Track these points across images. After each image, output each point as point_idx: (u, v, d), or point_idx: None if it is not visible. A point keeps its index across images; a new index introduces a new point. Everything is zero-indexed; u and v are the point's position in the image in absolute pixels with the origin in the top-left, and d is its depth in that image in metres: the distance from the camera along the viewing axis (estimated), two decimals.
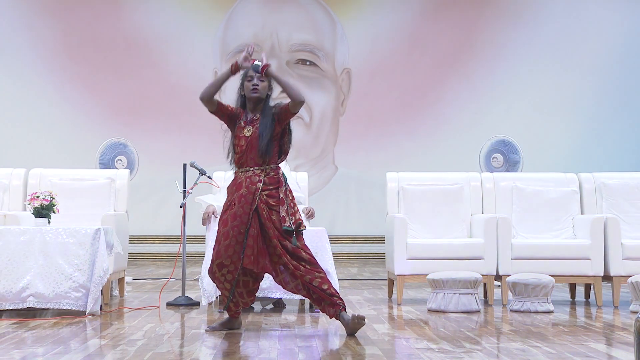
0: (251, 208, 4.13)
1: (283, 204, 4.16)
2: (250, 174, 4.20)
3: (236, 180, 4.26)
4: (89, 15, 10.68)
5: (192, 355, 3.57)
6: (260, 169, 4.20)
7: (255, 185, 4.16)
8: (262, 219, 4.14)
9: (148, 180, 10.32)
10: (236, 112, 4.30)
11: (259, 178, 4.17)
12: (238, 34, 10.82)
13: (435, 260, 5.57)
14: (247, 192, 4.15)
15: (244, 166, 4.22)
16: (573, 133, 10.78)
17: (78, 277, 4.80)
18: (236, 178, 4.27)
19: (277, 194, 4.18)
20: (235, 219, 4.14)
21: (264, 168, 4.21)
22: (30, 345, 3.74)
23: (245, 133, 4.22)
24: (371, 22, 10.87)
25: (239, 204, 4.15)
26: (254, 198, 4.14)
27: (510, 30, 10.86)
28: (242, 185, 4.19)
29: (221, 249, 4.14)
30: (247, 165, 4.22)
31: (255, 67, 4.25)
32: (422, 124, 10.77)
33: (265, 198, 4.16)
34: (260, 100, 4.27)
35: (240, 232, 4.11)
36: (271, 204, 4.16)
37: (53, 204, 5.15)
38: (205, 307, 5.29)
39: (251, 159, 4.21)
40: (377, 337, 4.07)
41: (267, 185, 4.18)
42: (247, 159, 4.22)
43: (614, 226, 5.63)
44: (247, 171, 4.21)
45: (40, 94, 10.55)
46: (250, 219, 4.12)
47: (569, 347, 3.75)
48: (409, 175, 6.23)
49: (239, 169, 4.25)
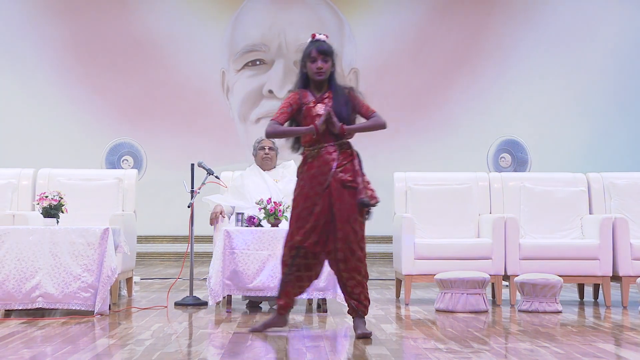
0: (322, 188, 4.06)
1: (358, 175, 4.08)
2: (323, 152, 4.10)
3: (306, 160, 4.15)
4: (96, 16, 10.71)
5: (199, 355, 3.57)
6: (334, 145, 4.11)
7: (329, 164, 4.08)
8: (332, 199, 4.05)
9: (156, 180, 10.34)
10: (299, 102, 4.17)
11: (332, 156, 4.09)
12: (246, 34, 10.83)
13: (443, 260, 5.56)
14: (319, 173, 4.08)
15: (316, 144, 4.10)
16: (581, 133, 10.75)
17: (87, 278, 4.81)
18: (306, 158, 4.15)
19: (352, 167, 4.09)
20: (306, 200, 4.08)
21: (338, 144, 4.11)
22: (39, 345, 3.75)
23: (317, 111, 4.12)
24: (379, 22, 10.86)
25: (310, 184, 4.08)
26: (326, 178, 4.07)
27: (519, 30, 10.83)
28: (314, 165, 4.10)
29: (294, 231, 4.10)
30: (322, 142, 4.10)
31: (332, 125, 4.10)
32: (429, 124, 10.76)
33: (340, 175, 4.07)
34: (325, 80, 4.18)
35: (308, 212, 4.06)
36: (346, 180, 4.06)
37: (61, 204, 5.17)
38: (212, 307, 5.29)
39: (324, 137, 4.09)
40: (385, 337, 4.06)
41: (341, 161, 4.09)
42: (324, 135, 4.09)
43: (622, 226, 5.61)
44: (320, 148, 4.10)
45: (48, 95, 10.59)
46: (319, 199, 4.06)
47: (578, 347, 3.74)
48: (416, 175, 6.22)
49: (310, 147, 4.13)
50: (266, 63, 10.74)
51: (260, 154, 5.88)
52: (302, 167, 4.20)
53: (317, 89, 4.19)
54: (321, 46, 4.13)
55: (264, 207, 5.18)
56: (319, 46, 4.13)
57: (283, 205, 5.19)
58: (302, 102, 4.17)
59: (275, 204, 5.17)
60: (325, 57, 4.12)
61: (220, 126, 10.71)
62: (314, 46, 4.14)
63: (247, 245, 5.02)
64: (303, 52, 4.18)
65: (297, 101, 4.18)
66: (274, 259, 5.01)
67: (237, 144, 10.68)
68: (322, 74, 4.13)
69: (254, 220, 5.20)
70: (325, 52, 4.11)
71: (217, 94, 10.79)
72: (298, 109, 4.18)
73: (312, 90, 4.20)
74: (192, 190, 5.69)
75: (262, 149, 5.88)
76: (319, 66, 4.12)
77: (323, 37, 4.18)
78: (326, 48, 4.12)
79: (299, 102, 4.18)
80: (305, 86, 4.22)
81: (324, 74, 4.13)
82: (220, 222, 5.61)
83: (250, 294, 5.06)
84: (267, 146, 5.87)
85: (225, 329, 4.34)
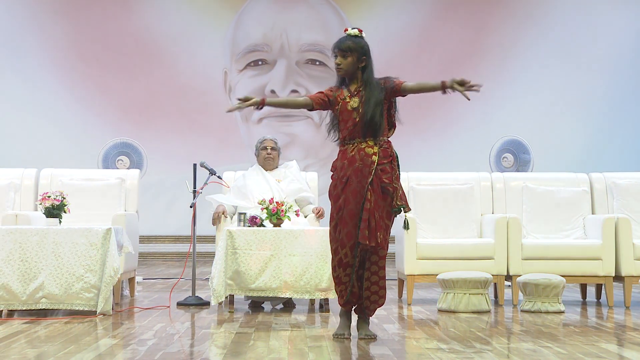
0: (367, 182, 3.94)
1: (397, 180, 4.00)
2: (363, 146, 3.98)
3: (346, 154, 4.01)
4: (99, 15, 10.72)
5: (202, 355, 3.58)
6: (373, 141, 4.01)
7: (370, 157, 3.96)
8: (376, 195, 3.94)
9: (158, 180, 10.35)
10: (334, 94, 4.09)
11: (374, 150, 3.98)
12: (248, 34, 10.83)
13: (445, 260, 5.56)
14: (363, 166, 3.95)
15: (356, 138, 4.00)
16: (584, 133, 10.74)
17: (89, 278, 4.82)
18: (345, 152, 4.01)
19: (391, 169, 4.00)
20: (357, 196, 3.94)
21: (377, 141, 4.01)
22: (42, 344, 3.76)
23: (352, 105, 4.03)
24: (380, 22, 10.86)
25: (356, 179, 3.94)
26: (369, 171, 3.94)
27: (521, 29, 10.83)
28: (356, 159, 3.97)
29: (351, 230, 3.91)
30: (359, 136, 3.99)
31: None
32: (432, 124, 10.75)
33: (380, 173, 3.95)
34: (354, 74, 4.08)
35: (358, 209, 3.93)
36: (384, 181, 3.95)
37: (64, 204, 5.17)
38: (215, 307, 5.30)
39: (362, 131, 3.99)
40: (387, 337, 4.06)
41: (382, 159, 3.98)
42: (359, 131, 3.99)
43: (625, 226, 5.60)
44: (360, 142, 3.99)
45: (50, 94, 10.60)
46: (366, 194, 3.93)
47: (580, 347, 3.74)
48: (419, 175, 6.22)
49: (349, 141, 4.01)
50: (268, 63, 10.74)
51: (263, 154, 5.88)
52: (340, 160, 4.05)
53: (350, 84, 4.11)
54: (340, 41, 4.06)
55: (266, 207, 5.18)
56: (338, 43, 4.06)
57: (285, 205, 5.19)
58: (335, 96, 4.07)
59: (278, 204, 5.17)
60: (344, 52, 4.03)
61: (222, 126, 10.72)
62: (336, 43, 4.08)
63: (249, 246, 5.02)
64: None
65: (334, 93, 4.09)
66: (276, 259, 5.01)
67: (240, 144, 10.68)
68: (340, 69, 4.07)
69: (256, 220, 5.20)
70: (342, 47, 4.03)
71: (220, 93, 10.79)
72: (332, 99, 4.08)
73: (348, 86, 4.11)
74: (195, 190, 5.69)
75: (264, 149, 5.88)
76: (337, 62, 4.07)
77: (354, 32, 4.07)
78: (345, 43, 4.03)
79: (334, 95, 4.08)
80: (342, 84, 4.14)
81: (341, 69, 4.06)
82: (223, 222, 5.61)
83: (252, 294, 5.06)
84: (270, 146, 5.87)
85: (228, 329, 4.34)
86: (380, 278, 4.01)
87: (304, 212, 5.72)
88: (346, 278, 3.97)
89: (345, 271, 3.96)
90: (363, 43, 4.06)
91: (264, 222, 5.24)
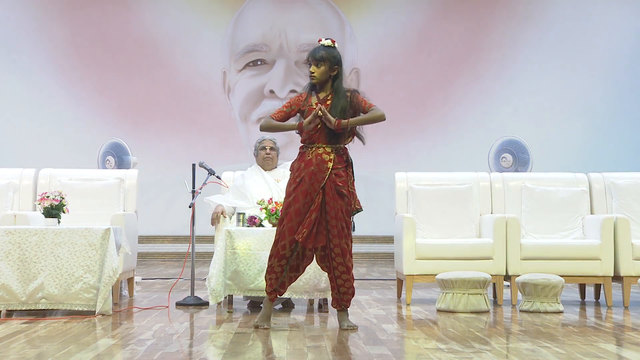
0: (320, 185, 4.24)
1: (347, 185, 4.29)
2: (320, 151, 4.29)
3: (304, 156, 4.32)
4: (98, 15, 10.72)
5: (201, 355, 3.58)
6: (330, 147, 4.29)
7: (325, 163, 4.26)
8: (327, 198, 4.24)
9: (157, 180, 10.34)
10: (303, 102, 4.35)
11: (330, 157, 4.27)
12: (247, 34, 10.83)
13: (444, 261, 5.56)
14: (318, 170, 4.25)
15: (315, 142, 4.30)
16: (583, 133, 10.74)
17: (89, 279, 4.82)
18: (304, 155, 4.33)
19: (345, 173, 4.30)
20: (306, 196, 4.25)
21: (335, 147, 4.29)
22: (41, 344, 3.76)
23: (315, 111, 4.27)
24: (380, 22, 10.86)
25: (309, 181, 4.25)
26: (323, 176, 4.24)
27: (520, 30, 10.83)
28: (312, 162, 4.27)
29: (294, 226, 4.23)
30: (318, 142, 4.30)
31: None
32: (430, 124, 10.76)
33: (334, 177, 4.26)
34: (326, 82, 4.33)
35: (308, 208, 4.23)
36: (338, 185, 4.25)
37: (63, 204, 5.17)
38: (214, 307, 5.29)
39: (322, 137, 4.29)
40: (386, 337, 4.07)
41: (337, 164, 4.28)
42: (320, 137, 4.29)
43: (624, 226, 5.61)
44: (317, 148, 4.29)
45: (49, 94, 10.60)
46: (316, 196, 4.24)
47: (579, 347, 3.74)
48: (417, 175, 6.22)
49: (309, 145, 4.32)
50: (267, 63, 10.74)
51: (262, 154, 5.88)
52: (298, 162, 4.36)
53: (321, 92, 4.37)
54: (314, 51, 4.32)
55: (265, 207, 5.18)
56: (313, 52, 4.32)
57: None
58: (306, 104, 4.33)
59: (277, 204, 5.17)
60: (317, 61, 4.29)
61: (221, 126, 10.72)
62: (310, 51, 4.34)
63: (248, 246, 5.02)
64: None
65: (300, 102, 4.36)
66: None
67: (238, 144, 10.68)
68: (313, 77, 4.32)
69: (255, 220, 5.20)
70: (315, 57, 4.29)
71: (218, 94, 10.79)
72: (300, 110, 4.35)
73: (318, 93, 4.37)
74: (194, 190, 5.69)
75: (263, 149, 5.88)
76: (311, 70, 4.32)
77: (327, 42, 4.33)
78: (318, 53, 4.29)
79: (300, 104, 4.36)
80: (313, 89, 4.40)
81: (314, 77, 4.31)
82: (222, 222, 5.61)
83: (251, 294, 5.06)
84: (269, 146, 5.87)
85: (227, 329, 4.34)
86: (345, 272, 4.30)
87: None
88: (279, 268, 4.29)
89: (280, 262, 4.28)
90: (336, 53, 4.33)
91: (262, 222, 5.24)
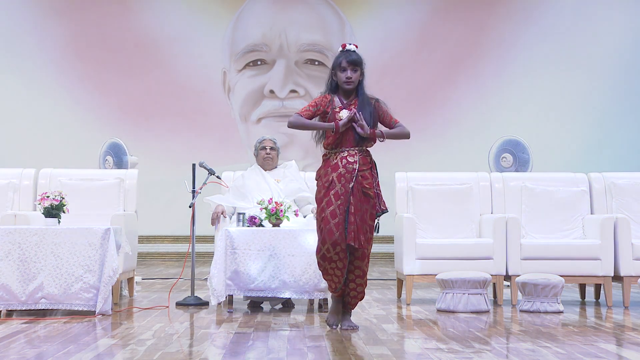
0: (350, 186, 4.26)
1: (373, 186, 4.32)
2: (345, 154, 4.30)
3: (329, 161, 4.34)
4: (98, 16, 10.72)
5: (201, 355, 3.58)
6: (355, 150, 4.31)
7: (352, 165, 4.28)
8: (354, 200, 4.26)
9: (157, 180, 10.34)
10: (327, 103, 4.35)
11: (355, 159, 4.30)
12: (247, 34, 10.83)
13: (444, 260, 5.56)
14: (346, 172, 4.27)
15: (339, 147, 4.32)
16: (583, 133, 10.74)
17: (89, 279, 4.82)
18: (329, 159, 4.35)
19: (371, 175, 4.33)
20: (339, 197, 4.26)
21: (359, 149, 4.32)
22: (41, 344, 3.76)
23: (341, 116, 4.28)
24: (380, 22, 10.86)
25: (339, 184, 4.27)
26: (352, 177, 4.27)
27: (520, 30, 10.83)
28: (339, 165, 4.29)
29: (332, 228, 4.22)
30: (342, 146, 4.32)
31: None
32: (431, 124, 10.75)
33: (360, 179, 4.28)
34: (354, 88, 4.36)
35: (344, 210, 4.24)
36: (364, 187, 4.28)
37: (63, 204, 5.17)
38: (214, 307, 5.30)
39: (347, 141, 4.30)
40: (386, 337, 4.07)
41: (362, 166, 4.31)
42: (344, 140, 4.30)
43: (624, 226, 5.61)
44: (342, 152, 4.31)
45: (49, 94, 10.60)
46: (349, 197, 4.25)
47: (579, 347, 3.74)
48: (418, 175, 6.23)
49: (333, 150, 4.34)
50: (267, 63, 10.74)
51: (262, 154, 5.88)
52: (324, 168, 4.38)
53: (345, 96, 4.39)
54: (351, 56, 4.32)
55: (265, 207, 5.18)
56: (348, 56, 4.32)
57: (284, 205, 5.19)
58: (330, 105, 4.34)
59: (277, 204, 5.17)
60: (355, 67, 4.32)
61: (221, 126, 10.72)
62: (344, 56, 4.33)
63: (248, 246, 5.02)
64: (333, 62, 4.38)
65: (325, 103, 4.36)
66: (275, 260, 5.01)
67: (239, 144, 10.68)
68: (351, 83, 4.34)
69: (255, 220, 5.20)
70: (354, 62, 4.32)
71: (219, 94, 10.79)
72: (324, 112, 4.35)
73: (341, 96, 4.39)
74: (194, 190, 5.69)
75: (263, 149, 5.88)
76: (348, 76, 4.32)
77: (353, 47, 4.38)
78: (355, 58, 4.33)
79: (325, 104, 4.36)
80: (334, 93, 4.41)
81: (352, 83, 4.34)
82: (222, 222, 5.61)
83: (251, 294, 5.06)
84: (269, 146, 5.87)
85: (227, 329, 4.34)
86: (360, 276, 4.33)
87: (303, 212, 5.71)
88: (332, 270, 4.29)
89: (331, 265, 4.28)
90: (363, 58, 4.39)
91: (263, 222, 5.24)
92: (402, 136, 4.41)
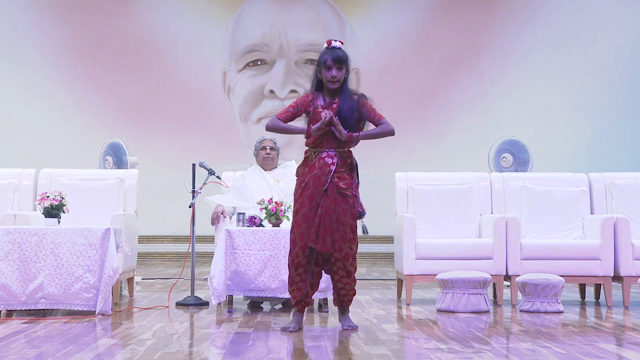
0: (323, 188, 4.20)
1: (356, 187, 4.27)
2: (324, 155, 4.26)
3: (308, 161, 4.30)
4: (98, 16, 10.72)
5: (201, 355, 3.58)
6: (335, 151, 4.26)
7: (328, 167, 4.23)
8: (329, 201, 4.20)
9: (157, 180, 10.34)
10: (309, 103, 4.29)
11: (332, 160, 4.25)
12: (247, 34, 10.83)
13: (444, 260, 5.56)
14: (321, 173, 4.23)
15: (319, 147, 4.27)
16: (583, 133, 10.74)
17: (89, 279, 4.82)
18: (308, 159, 4.31)
19: (349, 176, 4.27)
20: (312, 200, 4.21)
21: (339, 151, 4.27)
22: (41, 344, 3.76)
23: (323, 115, 4.21)
24: (380, 22, 10.86)
25: (313, 185, 4.22)
26: (326, 179, 4.21)
27: (520, 29, 10.83)
28: (316, 166, 4.25)
29: (303, 231, 4.20)
30: (322, 146, 4.27)
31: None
32: (431, 124, 10.75)
33: (336, 181, 4.22)
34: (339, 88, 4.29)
35: (315, 212, 4.19)
36: (340, 187, 4.22)
37: (63, 204, 5.17)
38: (214, 307, 5.30)
39: (327, 141, 4.26)
40: (386, 337, 4.07)
41: (339, 167, 4.26)
42: (324, 141, 4.26)
43: (624, 226, 5.61)
44: (320, 152, 4.27)
45: (49, 94, 10.60)
46: (321, 199, 4.20)
47: (579, 347, 3.74)
48: (418, 175, 6.22)
49: (313, 149, 4.29)
50: (267, 63, 10.74)
51: (262, 153, 5.88)
52: (303, 167, 4.33)
53: (329, 94, 4.30)
54: (336, 54, 4.22)
55: (265, 207, 5.18)
56: (334, 54, 4.22)
57: (284, 205, 5.19)
58: (312, 105, 4.28)
59: (277, 204, 5.17)
60: (340, 65, 4.22)
61: (221, 126, 10.72)
62: (329, 54, 4.23)
63: (248, 246, 5.02)
64: (318, 59, 4.28)
65: (307, 103, 4.30)
66: (275, 260, 5.01)
67: (238, 144, 10.68)
68: (336, 82, 4.25)
69: (255, 220, 5.20)
70: (340, 59, 4.22)
71: (219, 94, 10.79)
72: (306, 111, 4.29)
73: (325, 95, 4.31)
74: (194, 190, 5.69)
75: (263, 148, 5.88)
76: (332, 75, 4.23)
77: (338, 44, 4.27)
78: (341, 55, 4.22)
79: (307, 104, 4.30)
80: (319, 90, 4.33)
81: (337, 82, 4.25)
82: (222, 222, 5.61)
83: (251, 294, 5.06)
84: (269, 146, 5.87)
85: (227, 329, 4.34)
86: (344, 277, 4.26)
87: None
88: (297, 278, 4.24)
89: (297, 271, 4.23)
90: (348, 55, 4.28)
91: (262, 222, 5.24)
92: (385, 134, 4.29)
